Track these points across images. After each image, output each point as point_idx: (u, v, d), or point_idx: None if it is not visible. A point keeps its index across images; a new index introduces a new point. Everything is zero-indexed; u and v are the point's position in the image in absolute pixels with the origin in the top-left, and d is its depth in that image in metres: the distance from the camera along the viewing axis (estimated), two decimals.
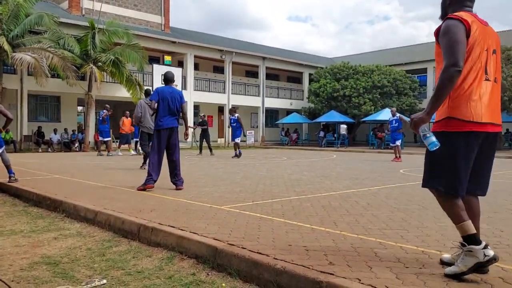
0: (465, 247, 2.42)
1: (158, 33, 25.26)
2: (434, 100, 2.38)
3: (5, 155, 7.11)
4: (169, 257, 3.24)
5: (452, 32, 2.39)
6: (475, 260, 2.37)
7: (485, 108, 2.42)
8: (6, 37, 17.18)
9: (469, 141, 2.42)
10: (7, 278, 2.82)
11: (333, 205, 4.88)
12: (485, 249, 2.38)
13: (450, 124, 2.43)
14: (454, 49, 2.35)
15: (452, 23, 2.43)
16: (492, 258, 2.37)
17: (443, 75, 2.35)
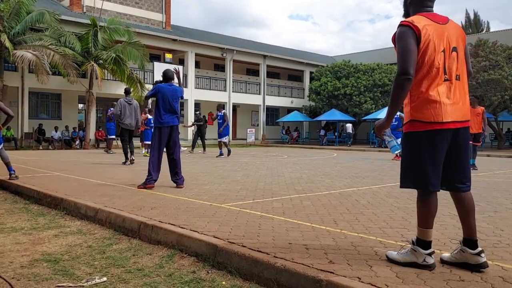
0: (413, 245, 2.59)
1: (159, 31, 25.25)
2: (390, 106, 2.54)
3: (4, 152, 7.11)
4: (170, 255, 3.24)
5: (402, 40, 2.47)
6: (414, 259, 2.56)
7: (446, 107, 2.49)
8: (7, 34, 17.18)
9: (432, 140, 2.51)
10: (7, 275, 2.83)
11: (334, 203, 4.88)
12: (427, 256, 2.53)
13: (414, 125, 2.56)
14: (404, 58, 2.44)
15: (403, 30, 2.49)
16: (428, 265, 2.53)
17: (395, 83, 2.47)
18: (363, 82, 26.12)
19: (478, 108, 10.18)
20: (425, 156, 2.53)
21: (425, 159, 2.54)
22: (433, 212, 2.58)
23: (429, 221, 2.57)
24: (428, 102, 2.50)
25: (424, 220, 2.57)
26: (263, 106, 29.70)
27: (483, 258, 2.51)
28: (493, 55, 21.77)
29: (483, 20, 50.03)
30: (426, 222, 2.57)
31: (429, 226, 2.57)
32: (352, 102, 26.42)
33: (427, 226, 2.57)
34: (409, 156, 2.62)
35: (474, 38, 25.29)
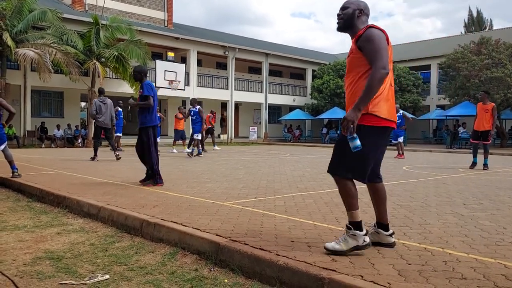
0: (350, 230, 2.76)
1: (161, 29, 25.25)
2: (364, 98, 2.62)
3: (8, 150, 7.13)
4: (172, 253, 3.25)
5: (379, 39, 2.68)
6: (356, 243, 2.75)
7: (392, 108, 2.81)
8: (9, 32, 17.21)
9: (383, 135, 2.79)
10: (10, 273, 2.83)
11: (336, 201, 4.87)
12: (365, 235, 2.77)
13: (370, 119, 2.71)
14: (382, 54, 2.64)
15: (378, 32, 2.72)
16: (367, 244, 2.77)
17: (376, 76, 2.60)
18: None
19: (489, 105, 9.58)
20: (373, 152, 2.77)
21: (373, 155, 2.77)
22: (356, 194, 2.81)
23: (356, 203, 2.80)
24: (385, 101, 2.74)
25: (352, 204, 2.79)
26: (265, 104, 29.69)
27: (393, 239, 2.96)
28: (496, 53, 21.68)
29: (486, 18, 49.80)
30: (354, 205, 2.79)
31: (357, 207, 2.80)
32: None
33: (355, 207, 2.79)
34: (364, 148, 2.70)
35: (477, 36, 25.19)
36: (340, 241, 2.78)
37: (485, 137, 9.57)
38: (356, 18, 2.85)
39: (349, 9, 2.86)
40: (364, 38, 2.71)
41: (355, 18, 2.85)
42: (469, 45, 23.28)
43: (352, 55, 2.82)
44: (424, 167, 10.29)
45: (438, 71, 28.62)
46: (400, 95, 26.65)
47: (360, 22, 2.86)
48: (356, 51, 2.77)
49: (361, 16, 2.87)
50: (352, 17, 2.86)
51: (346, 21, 2.88)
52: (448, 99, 24.82)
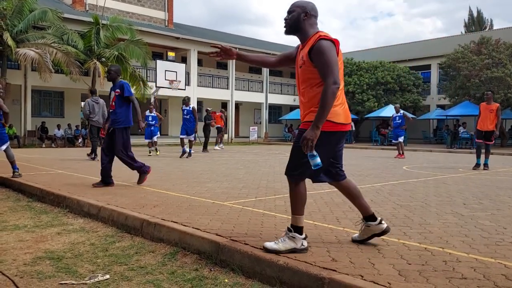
0: (291, 232, 2.83)
1: (162, 29, 25.25)
2: (321, 115, 2.66)
3: (10, 150, 7.13)
4: (172, 253, 3.25)
5: (331, 53, 2.69)
6: (294, 245, 2.80)
7: (347, 112, 2.87)
8: (10, 32, 17.22)
9: (338, 139, 2.87)
10: (10, 272, 2.84)
11: (336, 201, 4.87)
12: (304, 239, 2.85)
13: (326, 125, 2.73)
14: (333, 69, 2.66)
15: (329, 45, 2.72)
16: (305, 249, 2.83)
17: (328, 91, 2.64)
18: (366, 80, 26.07)
19: (493, 105, 9.46)
20: (328, 155, 2.86)
21: (328, 157, 2.86)
22: (305, 200, 2.91)
23: (303, 208, 2.88)
24: (340, 105, 2.82)
25: (299, 208, 2.87)
26: (265, 104, 29.68)
27: (385, 224, 3.03)
28: (496, 53, 21.67)
29: (486, 18, 49.82)
30: (301, 209, 2.87)
31: (303, 213, 2.89)
32: (354, 100, 26.36)
33: (302, 213, 2.88)
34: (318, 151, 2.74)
35: (477, 36, 25.18)
36: (279, 242, 2.83)
37: (488, 137, 9.50)
38: (303, 21, 2.84)
39: (294, 12, 2.86)
40: (315, 51, 2.71)
41: (301, 21, 2.84)
42: (470, 45, 23.28)
43: (304, 66, 2.81)
44: (424, 167, 10.28)
45: (439, 71, 28.60)
46: (400, 95, 26.66)
47: (308, 24, 2.86)
48: (309, 62, 2.77)
49: (308, 19, 2.85)
50: (298, 20, 2.84)
51: (292, 24, 2.88)
52: (448, 99, 24.81)
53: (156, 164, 9.99)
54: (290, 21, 2.88)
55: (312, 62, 2.75)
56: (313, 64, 2.74)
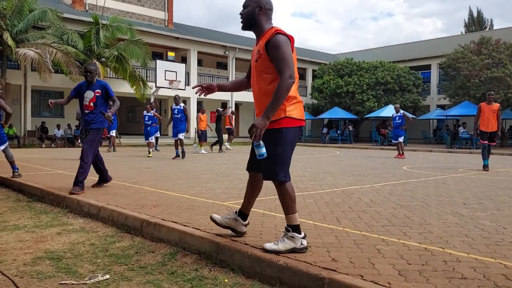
0: (289, 232, 2.83)
1: (162, 28, 25.25)
2: (273, 106, 2.69)
3: (9, 151, 7.13)
4: (172, 253, 3.25)
5: (286, 47, 2.73)
6: (293, 245, 2.80)
7: (302, 108, 2.96)
8: (10, 32, 17.21)
9: (298, 134, 2.94)
10: (10, 272, 2.84)
11: (336, 201, 4.87)
12: (303, 238, 2.84)
13: (288, 122, 2.82)
14: (289, 63, 2.70)
15: (285, 39, 2.76)
16: (305, 247, 2.84)
17: (284, 85, 2.66)
18: (366, 80, 26.06)
19: (494, 105, 9.33)
20: (293, 149, 2.92)
21: (291, 151, 2.92)
22: (295, 198, 2.90)
23: (294, 206, 2.89)
24: (298, 103, 2.88)
25: (292, 207, 2.86)
26: None
27: (246, 229, 3.19)
28: (496, 53, 21.67)
29: (486, 18, 49.86)
30: (293, 208, 2.87)
31: (296, 210, 2.89)
32: (354, 100, 26.37)
33: (295, 211, 2.88)
34: (286, 149, 2.84)
35: (477, 36, 25.18)
36: (278, 242, 2.83)
37: (492, 138, 9.39)
38: (258, 16, 2.87)
39: (249, 7, 2.88)
40: (271, 45, 2.74)
41: (256, 16, 2.87)
42: (470, 45, 23.28)
43: (260, 60, 2.83)
44: (424, 167, 10.28)
45: (439, 71, 28.61)
46: (400, 95, 26.65)
47: (263, 19, 2.89)
48: (265, 56, 2.79)
49: (263, 13, 2.87)
50: (253, 15, 2.87)
51: (247, 19, 2.91)
52: (448, 99, 24.81)
53: (156, 164, 9.99)
54: (245, 15, 2.90)
55: (268, 56, 2.77)
56: (269, 58, 2.77)
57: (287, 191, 2.85)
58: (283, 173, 2.82)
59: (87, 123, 5.74)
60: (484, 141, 9.45)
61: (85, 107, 5.75)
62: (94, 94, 5.73)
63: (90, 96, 5.73)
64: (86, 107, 5.74)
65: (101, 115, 5.73)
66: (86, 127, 5.76)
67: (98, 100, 5.73)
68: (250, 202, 3.18)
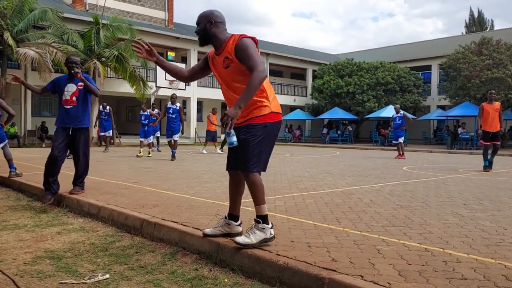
0: (260, 224, 2.93)
1: (162, 28, 25.26)
2: (246, 97, 2.78)
3: (8, 149, 7.13)
4: (172, 253, 3.25)
5: (253, 47, 2.88)
6: (264, 236, 2.92)
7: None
8: (10, 32, 17.21)
9: (279, 127, 3.08)
10: (10, 272, 2.84)
11: (336, 202, 4.87)
12: (271, 228, 2.98)
13: (272, 117, 2.98)
14: (259, 60, 2.85)
15: (250, 41, 2.92)
16: (273, 236, 2.98)
17: (257, 77, 2.77)
18: (366, 80, 26.06)
19: (496, 104, 9.20)
20: (273, 142, 3.06)
21: (272, 145, 3.06)
22: (263, 188, 3.01)
23: (263, 197, 2.99)
24: (275, 99, 3.06)
25: (261, 198, 2.96)
26: None
27: (241, 227, 3.21)
28: (497, 54, 21.66)
29: (487, 18, 49.84)
30: (262, 198, 2.97)
31: (265, 201, 3.00)
32: (354, 100, 26.36)
33: (264, 201, 2.98)
34: (264, 143, 2.95)
35: (478, 36, 25.18)
36: (249, 235, 2.91)
37: (496, 137, 9.24)
38: (210, 30, 3.01)
39: (201, 24, 3.04)
40: (240, 48, 2.88)
41: (209, 30, 3.01)
42: (470, 45, 23.27)
43: (232, 64, 2.93)
44: (424, 167, 10.28)
45: (439, 72, 28.61)
46: (400, 95, 26.64)
47: (217, 32, 3.02)
48: (236, 61, 2.91)
49: (215, 27, 3.02)
50: (206, 30, 3.02)
51: (202, 35, 3.05)
52: (448, 100, 24.81)
53: (156, 164, 9.99)
54: (200, 32, 3.05)
55: (238, 59, 2.89)
56: (240, 61, 2.89)
57: (257, 182, 2.95)
58: (259, 165, 2.95)
59: (71, 119, 5.27)
60: (486, 142, 9.34)
61: (66, 102, 5.29)
62: (77, 87, 5.31)
63: (72, 89, 5.30)
64: (67, 102, 5.29)
65: (85, 112, 5.32)
66: (70, 124, 5.27)
67: (81, 94, 5.31)
68: (237, 202, 3.21)
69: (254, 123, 2.93)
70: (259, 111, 2.94)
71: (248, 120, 2.96)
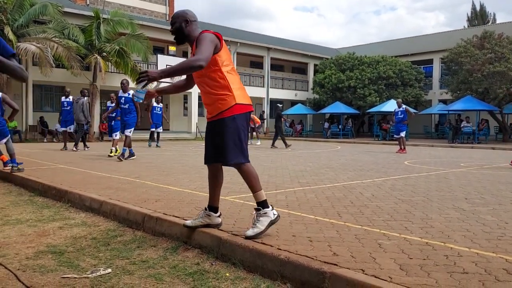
0: (261, 210, 3.04)
1: (163, 23, 25.16)
2: (170, 71, 2.83)
3: (11, 144, 7.15)
4: (174, 247, 3.26)
5: (205, 39, 2.93)
6: (269, 219, 3.04)
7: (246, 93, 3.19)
8: (11, 26, 17.18)
9: (248, 118, 3.16)
10: (13, 266, 2.85)
11: (337, 196, 4.87)
12: (272, 210, 3.10)
13: (239, 108, 3.05)
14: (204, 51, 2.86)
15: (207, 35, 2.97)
16: (277, 215, 3.12)
17: (188, 61, 2.83)
18: (368, 74, 25.97)
19: None
20: (245, 133, 3.13)
21: (246, 135, 3.13)
22: (257, 175, 3.13)
23: (259, 184, 3.11)
24: (242, 90, 3.12)
25: (257, 185, 3.09)
26: (267, 99, 29.62)
27: (221, 219, 3.30)
28: (499, 47, 21.55)
29: (489, 12, 49.58)
30: (258, 185, 3.09)
31: (261, 187, 3.11)
32: (356, 94, 26.30)
33: (260, 188, 3.10)
34: (239, 134, 3.04)
35: (480, 30, 25.05)
36: (255, 224, 3.01)
37: None
38: (185, 29, 3.11)
39: (176, 23, 3.12)
40: (196, 42, 2.99)
41: (184, 29, 3.10)
42: (472, 39, 23.15)
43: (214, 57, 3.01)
44: (426, 161, 10.27)
45: (441, 66, 28.49)
46: (402, 89, 26.56)
47: (191, 30, 3.12)
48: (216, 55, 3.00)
49: (190, 25, 3.11)
50: (182, 29, 3.11)
51: (178, 35, 3.14)
52: (450, 94, 24.73)
53: (158, 159, 10.00)
54: (175, 31, 3.13)
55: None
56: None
57: (250, 171, 3.09)
58: (239, 157, 3.05)
59: None
60: None
61: None
62: None
63: None
64: None
65: None
66: None
67: None
68: (216, 194, 3.30)
69: (222, 117, 3.04)
70: (223, 104, 3.04)
71: (217, 116, 3.07)
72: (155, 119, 14.70)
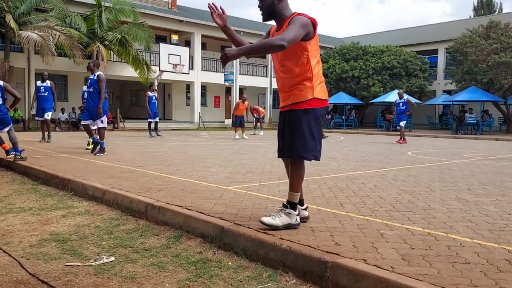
0: (287, 208, 2.98)
1: (165, 11, 25.01)
2: (252, 49, 2.77)
3: (13, 132, 7.16)
4: (176, 236, 3.27)
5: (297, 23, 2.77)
6: (289, 221, 2.96)
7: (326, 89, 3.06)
8: (12, 14, 17.11)
9: (323, 114, 3.04)
10: (16, 254, 2.87)
11: (340, 186, 4.87)
12: (298, 215, 3.02)
13: (317, 103, 2.93)
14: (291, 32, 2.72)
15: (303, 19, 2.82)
16: (298, 223, 3.02)
17: (274, 41, 2.69)
18: (372, 64, 25.80)
19: None
20: (320, 129, 3.02)
21: (320, 132, 3.03)
22: (303, 178, 3.06)
23: (301, 186, 3.05)
24: (322, 84, 2.99)
25: (299, 186, 3.02)
26: (270, 89, 29.49)
27: (307, 212, 3.22)
28: (505, 37, 21.33)
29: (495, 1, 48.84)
30: (299, 186, 3.02)
31: (300, 190, 3.05)
32: (360, 85, 26.15)
33: (300, 190, 3.04)
34: (315, 131, 2.94)
35: (486, 19, 24.77)
36: (275, 217, 2.95)
37: None
38: (277, 5, 2.94)
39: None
40: (290, 21, 2.83)
41: (275, 6, 2.94)
42: (478, 29, 22.92)
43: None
44: (429, 152, 10.24)
45: (446, 56, 28.27)
46: (406, 79, 26.39)
47: (283, 7, 2.95)
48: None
49: (281, 2, 2.94)
50: (273, 5, 2.94)
51: (267, 11, 2.97)
52: (455, 84, 24.57)
53: (161, 148, 10.02)
54: (264, 7, 2.96)
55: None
56: None
57: (302, 170, 3.00)
58: (308, 153, 2.93)
59: None
60: None
61: None
62: None
63: None
64: None
65: None
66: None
67: None
68: None
69: (295, 108, 2.92)
70: (301, 95, 2.91)
71: (290, 106, 2.96)
72: (154, 109, 14.62)
